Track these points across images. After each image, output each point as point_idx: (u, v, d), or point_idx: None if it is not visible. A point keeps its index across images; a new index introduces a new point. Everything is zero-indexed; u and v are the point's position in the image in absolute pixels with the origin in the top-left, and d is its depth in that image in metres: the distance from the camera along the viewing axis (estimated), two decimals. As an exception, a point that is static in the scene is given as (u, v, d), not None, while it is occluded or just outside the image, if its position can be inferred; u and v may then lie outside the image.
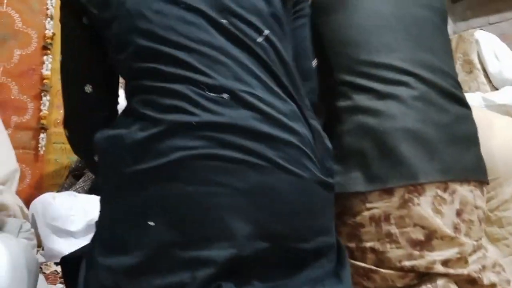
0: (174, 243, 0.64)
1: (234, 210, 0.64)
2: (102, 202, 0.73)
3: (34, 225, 1.38)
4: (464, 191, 0.80)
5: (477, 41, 1.71)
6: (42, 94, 1.95)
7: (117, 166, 0.68)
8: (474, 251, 0.80)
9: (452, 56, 0.95)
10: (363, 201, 0.80)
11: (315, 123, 0.75)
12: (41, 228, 1.34)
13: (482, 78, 1.68)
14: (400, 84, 0.83)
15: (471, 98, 1.38)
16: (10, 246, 0.93)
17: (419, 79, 0.83)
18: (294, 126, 0.69)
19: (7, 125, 1.81)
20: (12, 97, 1.90)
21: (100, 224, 0.73)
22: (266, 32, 0.72)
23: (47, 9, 1.97)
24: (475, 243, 0.80)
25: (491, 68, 1.66)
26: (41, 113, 1.94)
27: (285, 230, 0.67)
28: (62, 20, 0.80)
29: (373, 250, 0.80)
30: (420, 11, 0.91)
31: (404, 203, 0.77)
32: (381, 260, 0.79)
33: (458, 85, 0.90)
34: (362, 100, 0.83)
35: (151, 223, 0.64)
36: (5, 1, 1.91)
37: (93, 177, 1.68)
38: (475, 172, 0.83)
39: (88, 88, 0.79)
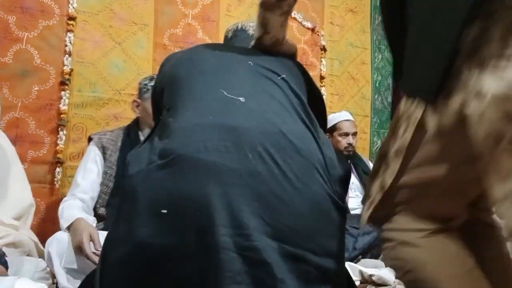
0: None
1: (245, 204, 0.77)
2: None
3: (49, 262, 1.38)
4: None
5: None
6: (59, 128, 1.98)
7: None
8: None
9: None
10: None
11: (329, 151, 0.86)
12: (56, 267, 1.34)
13: None
14: None
15: None
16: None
17: None
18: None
19: (23, 160, 1.84)
20: (29, 132, 1.94)
21: None
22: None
23: (66, 45, 2.03)
24: None
25: None
26: (57, 147, 1.97)
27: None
28: None
29: None
30: None
31: None
32: None
33: None
34: None
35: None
36: (25, 38, 1.97)
37: (107, 213, 1.67)
38: None
39: None
